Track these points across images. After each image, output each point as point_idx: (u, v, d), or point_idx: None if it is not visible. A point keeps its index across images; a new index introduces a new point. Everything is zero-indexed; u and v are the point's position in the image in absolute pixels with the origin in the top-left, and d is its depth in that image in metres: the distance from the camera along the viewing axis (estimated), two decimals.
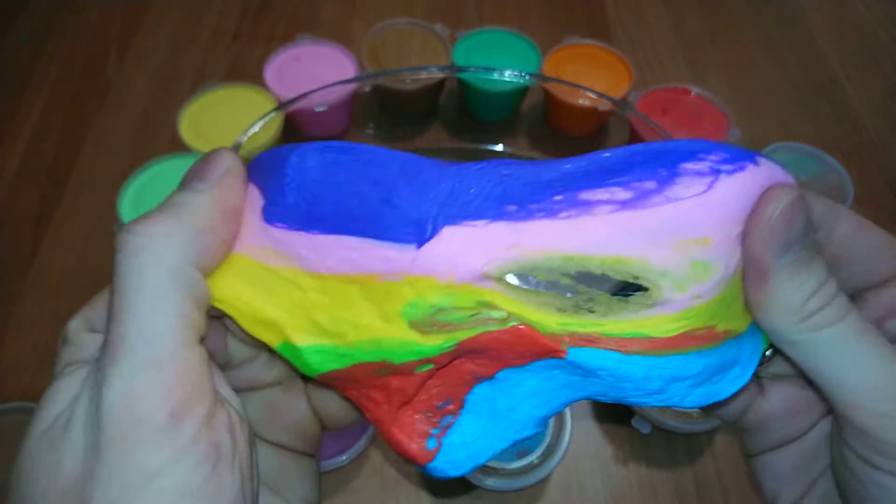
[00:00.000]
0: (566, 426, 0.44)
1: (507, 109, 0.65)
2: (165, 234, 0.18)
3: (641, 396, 0.19)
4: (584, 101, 0.59)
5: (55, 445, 0.16)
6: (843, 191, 0.56)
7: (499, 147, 0.63)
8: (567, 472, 0.47)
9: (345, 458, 0.44)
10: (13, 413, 0.44)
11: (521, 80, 0.54)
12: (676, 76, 0.71)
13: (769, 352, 0.23)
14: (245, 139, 0.28)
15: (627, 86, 0.61)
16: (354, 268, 0.18)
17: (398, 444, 0.20)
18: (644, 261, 0.17)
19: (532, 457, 0.43)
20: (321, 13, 0.75)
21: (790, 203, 0.18)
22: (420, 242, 0.17)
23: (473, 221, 0.17)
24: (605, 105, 0.57)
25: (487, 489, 0.42)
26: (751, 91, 0.71)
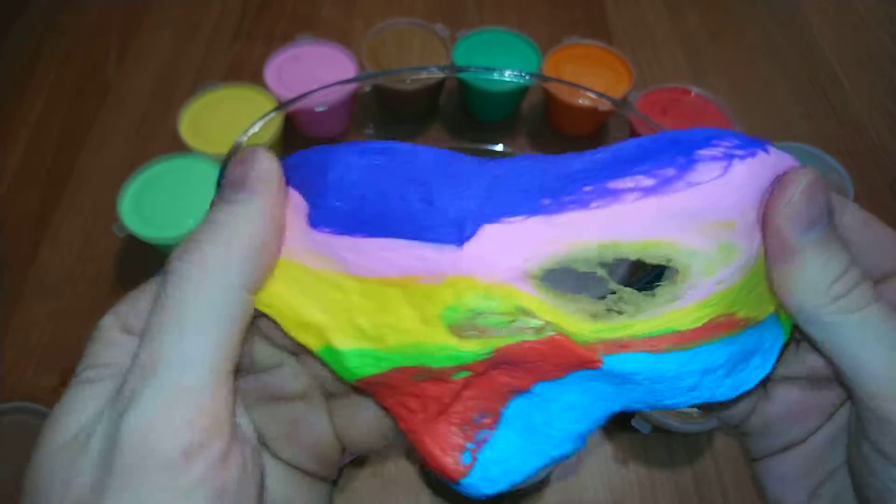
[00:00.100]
0: None
1: (507, 109, 0.65)
2: (217, 265, 0.17)
3: (678, 395, 0.19)
4: (584, 101, 0.59)
5: (72, 462, 0.16)
6: (843, 191, 0.56)
7: (499, 147, 0.63)
8: (567, 472, 0.47)
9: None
10: (13, 413, 0.44)
11: (521, 80, 0.54)
12: (676, 76, 0.71)
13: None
14: (245, 139, 0.28)
15: (627, 86, 0.61)
16: (397, 270, 0.18)
17: (431, 457, 0.19)
18: (674, 242, 0.17)
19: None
20: (321, 13, 0.75)
21: (811, 182, 0.18)
22: (460, 242, 0.17)
23: (511, 218, 0.18)
24: (605, 105, 0.57)
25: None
26: (751, 91, 0.71)
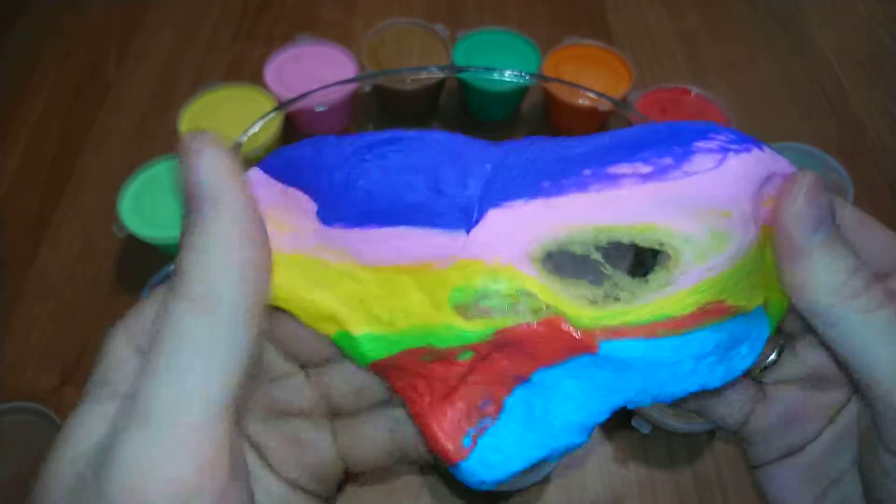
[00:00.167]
0: None
1: (507, 109, 0.65)
2: (206, 298, 0.16)
3: (675, 383, 0.19)
4: (584, 101, 0.59)
5: (76, 479, 0.16)
6: (843, 191, 0.56)
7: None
8: (567, 472, 0.47)
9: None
10: (13, 413, 0.44)
11: (521, 80, 0.54)
12: (676, 76, 0.71)
13: (773, 357, 0.23)
14: (245, 139, 0.28)
15: (627, 86, 0.61)
16: (409, 257, 0.18)
17: (434, 439, 0.20)
18: (669, 227, 0.18)
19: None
20: (321, 13, 0.75)
21: (813, 182, 0.18)
22: (468, 227, 0.18)
23: (513, 201, 0.18)
24: (605, 105, 0.57)
25: (487, 489, 0.42)
26: (751, 91, 0.71)
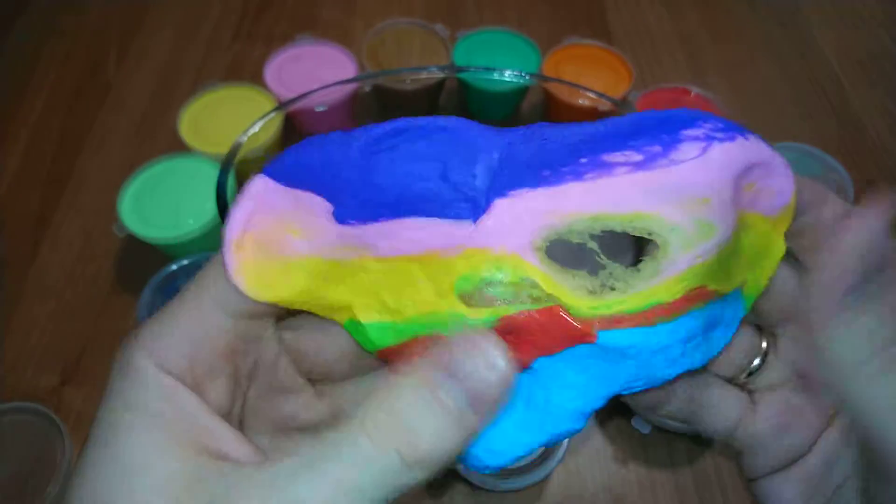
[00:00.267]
0: None
1: (507, 109, 0.65)
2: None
3: (668, 367, 0.20)
4: (584, 101, 0.59)
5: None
6: (843, 191, 0.56)
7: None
8: (567, 472, 0.47)
9: None
10: (13, 413, 0.44)
11: (521, 80, 0.54)
12: (676, 76, 0.71)
13: (757, 362, 0.23)
14: (245, 139, 0.28)
15: (627, 86, 0.61)
16: (419, 247, 0.19)
17: None
18: (657, 216, 0.18)
19: (532, 457, 0.43)
20: (321, 13, 0.75)
21: (852, 250, 0.18)
22: (475, 216, 0.18)
23: (518, 191, 0.18)
24: (605, 105, 0.57)
25: (487, 489, 0.42)
26: (751, 91, 0.71)
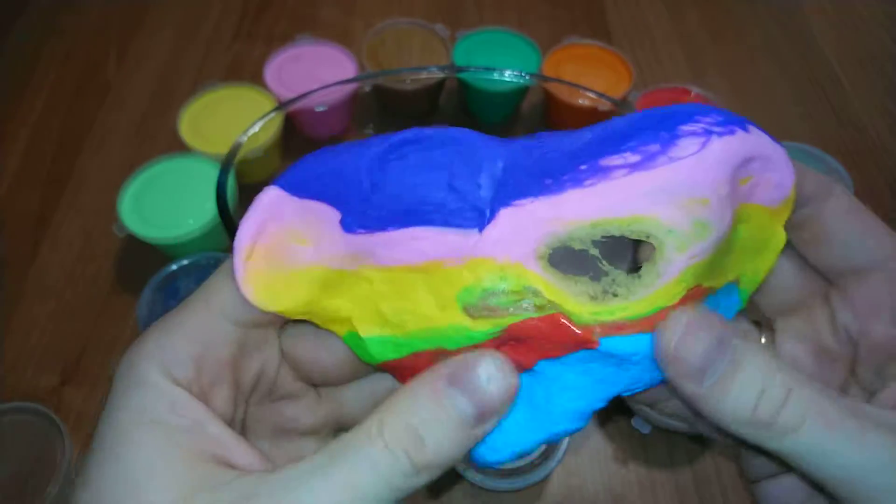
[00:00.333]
0: None
1: (507, 109, 0.65)
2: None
3: None
4: (584, 101, 0.59)
5: None
6: None
7: None
8: (567, 472, 0.47)
9: None
10: (13, 413, 0.44)
11: (521, 80, 0.54)
12: (676, 76, 0.71)
13: None
14: (245, 139, 0.28)
15: (627, 86, 0.61)
16: (423, 256, 0.19)
17: None
18: (655, 218, 0.18)
19: (532, 457, 0.43)
20: (321, 13, 0.75)
21: (685, 328, 0.17)
22: (481, 226, 0.18)
23: (522, 200, 0.18)
24: (605, 105, 0.57)
25: (487, 489, 0.42)
26: (751, 91, 0.71)
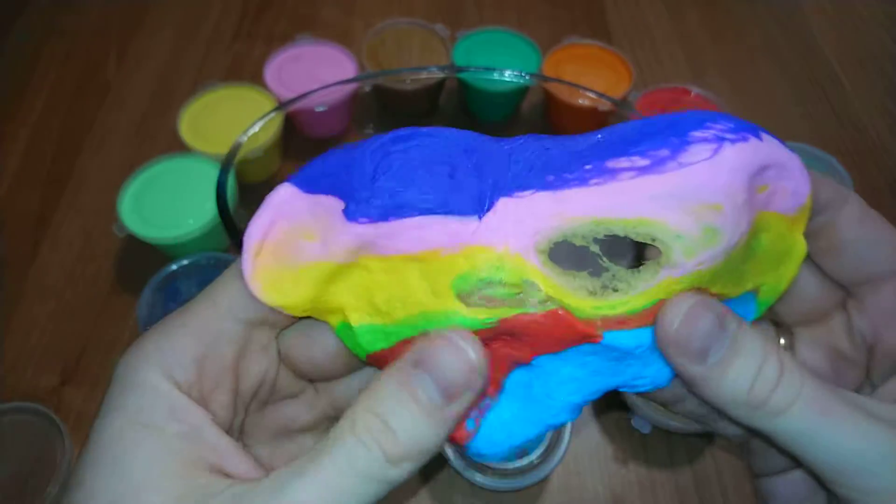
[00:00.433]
0: (566, 426, 0.44)
1: (507, 109, 0.65)
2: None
3: (668, 364, 0.19)
4: (584, 101, 0.59)
5: None
6: None
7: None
8: (567, 472, 0.47)
9: None
10: (13, 413, 0.44)
11: (521, 80, 0.54)
12: (676, 76, 0.71)
13: None
14: (245, 139, 0.28)
15: (627, 86, 0.61)
16: (422, 245, 0.19)
17: None
18: (663, 222, 0.18)
19: (532, 457, 0.43)
20: (321, 13, 0.75)
21: (688, 311, 0.18)
22: (480, 213, 0.19)
23: (522, 192, 0.19)
24: (605, 105, 0.57)
25: (487, 489, 0.42)
26: (751, 91, 0.71)
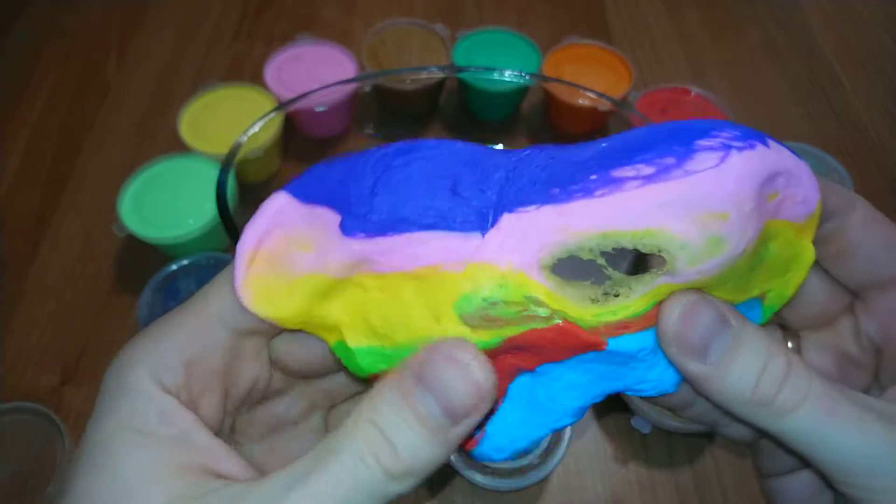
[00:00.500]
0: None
1: (507, 109, 0.65)
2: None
3: (669, 366, 0.19)
4: (584, 101, 0.59)
5: None
6: None
7: (499, 147, 0.63)
8: (567, 472, 0.47)
9: None
10: (13, 413, 0.44)
11: (521, 80, 0.54)
12: (676, 76, 0.71)
13: None
14: (245, 139, 0.28)
15: (627, 86, 0.61)
16: (421, 261, 0.18)
17: None
18: (668, 232, 0.17)
19: (532, 457, 0.43)
20: (321, 13, 0.75)
21: (687, 306, 0.18)
22: (483, 229, 0.18)
23: (526, 207, 0.18)
24: (605, 105, 0.57)
25: (487, 489, 0.42)
26: (751, 91, 0.71)
